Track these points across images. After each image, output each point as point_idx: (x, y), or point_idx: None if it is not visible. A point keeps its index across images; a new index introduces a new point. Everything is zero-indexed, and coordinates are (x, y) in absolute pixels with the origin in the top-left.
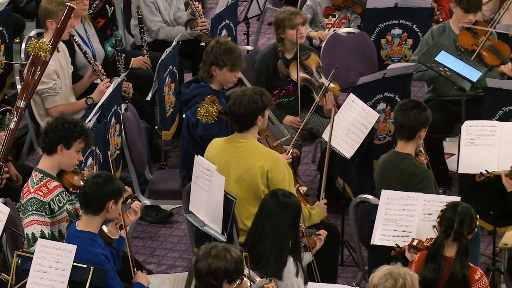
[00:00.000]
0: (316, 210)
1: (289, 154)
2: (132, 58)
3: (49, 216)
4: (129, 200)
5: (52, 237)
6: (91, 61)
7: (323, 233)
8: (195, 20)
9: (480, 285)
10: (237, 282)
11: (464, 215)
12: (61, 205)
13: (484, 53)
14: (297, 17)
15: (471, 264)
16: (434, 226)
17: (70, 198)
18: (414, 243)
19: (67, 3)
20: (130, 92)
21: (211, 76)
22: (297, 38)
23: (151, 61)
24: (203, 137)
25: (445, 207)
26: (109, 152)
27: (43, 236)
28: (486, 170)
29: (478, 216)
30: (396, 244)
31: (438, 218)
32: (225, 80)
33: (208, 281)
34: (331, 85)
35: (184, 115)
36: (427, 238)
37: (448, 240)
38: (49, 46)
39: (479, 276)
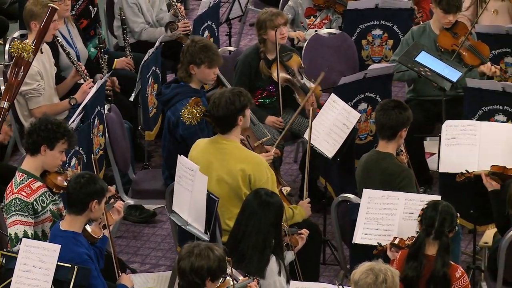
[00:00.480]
0: (299, 210)
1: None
2: (115, 59)
3: (32, 217)
4: (112, 200)
5: (35, 237)
6: (74, 62)
7: (305, 232)
8: (175, 23)
9: (461, 283)
10: (220, 281)
11: (445, 213)
12: (45, 205)
13: (464, 53)
14: (279, 18)
15: (452, 263)
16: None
17: (54, 198)
18: (396, 241)
19: (50, 4)
20: (116, 86)
21: (190, 75)
22: (276, 39)
23: (134, 62)
24: (184, 136)
25: (426, 206)
26: (92, 156)
27: (26, 236)
28: (466, 170)
29: (458, 215)
30: (378, 243)
31: (419, 217)
32: (204, 77)
33: (192, 280)
34: (313, 85)
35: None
36: (408, 237)
37: (429, 239)
38: (32, 47)
39: (460, 274)
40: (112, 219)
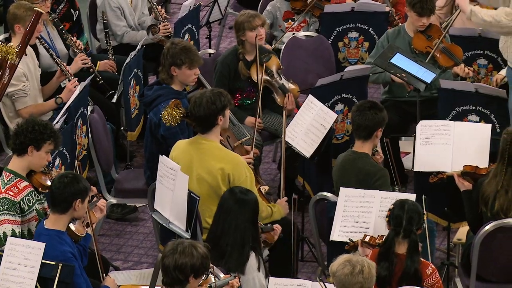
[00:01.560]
0: (277, 208)
1: (251, 154)
2: (98, 62)
3: (20, 215)
4: (95, 199)
5: (22, 236)
6: (59, 62)
7: (277, 227)
8: (157, 26)
9: (432, 280)
10: (203, 278)
11: (411, 212)
12: (31, 204)
13: (438, 55)
14: (256, 19)
15: (423, 260)
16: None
17: (39, 197)
18: (366, 239)
19: (36, 8)
20: (113, 68)
21: (171, 76)
22: (256, 40)
23: (116, 64)
24: (165, 136)
25: (392, 206)
26: (76, 162)
27: (14, 235)
28: (439, 171)
29: (425, 212)
30: (349, 239)
31: (386, 217)
32: (185, 78)
33: (175, 276)
34: (291, 86)
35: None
36: (378, 235)
37: (399, 238)
38: (16, 50)
39: (431, 271)
40: (95, 217)
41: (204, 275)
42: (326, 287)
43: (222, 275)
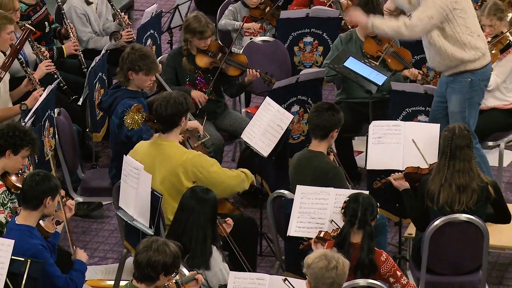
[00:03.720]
0: (247, 172)
1: (203, 145)
2: (63, 46)
3: None
4: (65, 199)
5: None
6: (28, 71)
7: (230, 220)
8: (119, 32)
9: (387, 265)
10: (172, 275)
11: (366, 204)
12: (5, 202)
13: (388, 59)
14: (208, 31)
15: (376, 249)
16: (332, 220)
17: (12, 197)
18: (321, 234)
19: (27, 25)
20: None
21: (128, 80)
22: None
23: (80, 69)
24: (129, 135)
25: (348, 199)
26: (52, 170)
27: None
28: (381, 177)
29: (378, 204)
30: (304, 238)
31: (342, 209)
32: (141, 83)
33: (147, 273)
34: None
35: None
36: (333, 229)
37: (354, 229)
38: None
39: (385, 257)
40: (64, 216)
41: (174, 273)
42: (293, 286)
43: (186, 271)
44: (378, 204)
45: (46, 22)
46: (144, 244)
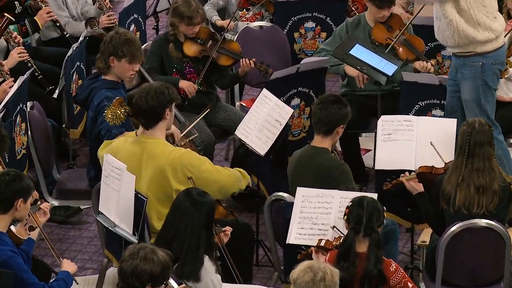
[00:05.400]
0: (242, 171)
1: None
2: (35, 18)
3: None
4: (39, 202)
5: None
6: None
7: (228, 229)
8: (96, 19)
9: (397, 276)
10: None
11: (371, 209)
12: None
13: (398, 48)
14: (198, 17)
15: (384, 258)
16: (334, 227)
17: None
18: (322, 243)
19: (6, 15)
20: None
21: (108, 67)
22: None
23: (57, 57)
24: (108, 129)
25: (350, 204)
26: (25, 170)
27: None
28: (392, 177)
29: (385, 208)
30: (302, 247)
31: (345, 215)
32: (122, 72)
33: (132, 283)
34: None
35: None
36: (335, 238)
37: (359, 236)
38: None
39: (394, 268)
40: (39, 221)
41: (163, 285)
42: None
43: (175, 284)
44: (385, 208)
45: (16, 2)
46: (130, 251)
